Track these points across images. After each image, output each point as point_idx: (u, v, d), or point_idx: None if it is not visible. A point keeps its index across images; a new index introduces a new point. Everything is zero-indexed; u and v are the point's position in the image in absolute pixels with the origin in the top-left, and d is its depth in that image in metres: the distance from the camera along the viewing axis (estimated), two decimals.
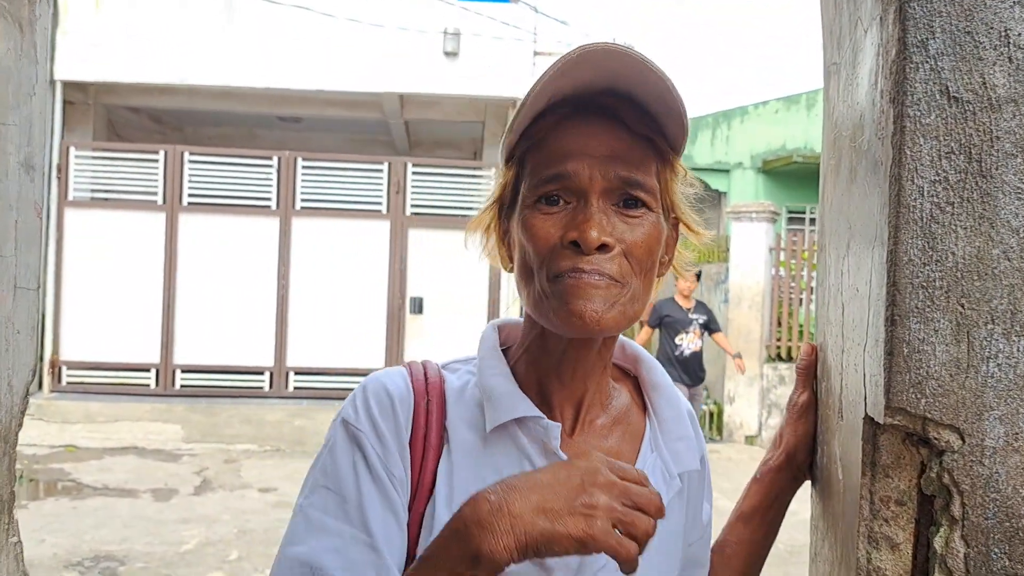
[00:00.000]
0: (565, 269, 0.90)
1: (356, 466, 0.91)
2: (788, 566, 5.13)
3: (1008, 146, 0.79)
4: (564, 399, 0.99)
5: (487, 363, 1.00)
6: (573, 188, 0.92)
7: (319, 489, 0.92)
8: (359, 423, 0.93)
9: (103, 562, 4.95)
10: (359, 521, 0.89)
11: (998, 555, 0.79)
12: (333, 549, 0.88)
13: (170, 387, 9.18)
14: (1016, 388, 0.78)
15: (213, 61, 9.43)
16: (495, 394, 0.96)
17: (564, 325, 0.91)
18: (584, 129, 0.93)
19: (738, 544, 1.12)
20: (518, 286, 0.98)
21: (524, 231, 0.94)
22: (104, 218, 9.24)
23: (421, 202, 9.43)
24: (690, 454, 1.05)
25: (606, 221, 0.91)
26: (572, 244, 0.90)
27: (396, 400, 0.95)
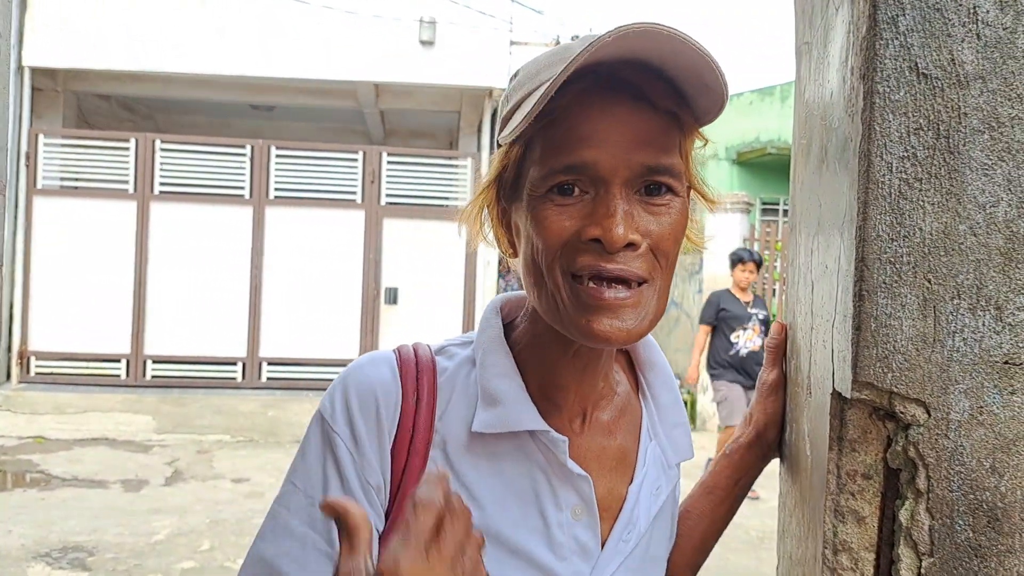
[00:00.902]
0: (585, 268, 0.80)
1: (326, 470, 0.86)
2: (759, 551, 5.19)
3: (975, 122, 0.79)
4: (574, 399, 0.93)
5: (490, 358, 0.91)
6: (591, 176, 0.81)
7: (289, 487, 0.87)
8: (335, 422, 0.87)
9: (72, 553, 4.90)
10: (323, 528, 0.84)
11: (962, 527, 0.80)
12: (291, 555, 0.84)
13: (141, 378, 9.08)
14: (981, 362, 0.79)
15: (185, 48, 9.31)
16: (501, 399, 0.88)
17: (586, 340, 0.82)
18: (605, 110, 0.81)
19: (700, 516, 1.12)
20: (524, 282, 0.88)
21: (534, 224, 0.83)
22: (74, 207, 9.11)
23: (396, 192, 9.39)
24: (686, 442, 1.04)
25: (631, 215, 0.81)
26: (593, 241, 0.80)
27: (380, 398, 0.87)
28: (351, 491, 0.85)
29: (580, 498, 0.91)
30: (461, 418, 0.90)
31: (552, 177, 0.82)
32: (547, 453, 0.90)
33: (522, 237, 0.87)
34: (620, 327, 0.81)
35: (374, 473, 0.86)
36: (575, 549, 0.90)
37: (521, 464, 0.89)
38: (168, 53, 9.33)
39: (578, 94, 0.80)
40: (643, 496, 0.97)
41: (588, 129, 0.81)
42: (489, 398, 0.89)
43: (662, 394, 1.03)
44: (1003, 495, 0.79)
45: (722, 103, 0.83)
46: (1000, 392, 0.79)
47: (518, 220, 0.88)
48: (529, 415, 0.88)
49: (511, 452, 0.89)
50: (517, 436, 0.89)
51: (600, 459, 0.95)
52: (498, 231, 0.94)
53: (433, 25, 9.47)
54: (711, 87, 0.81)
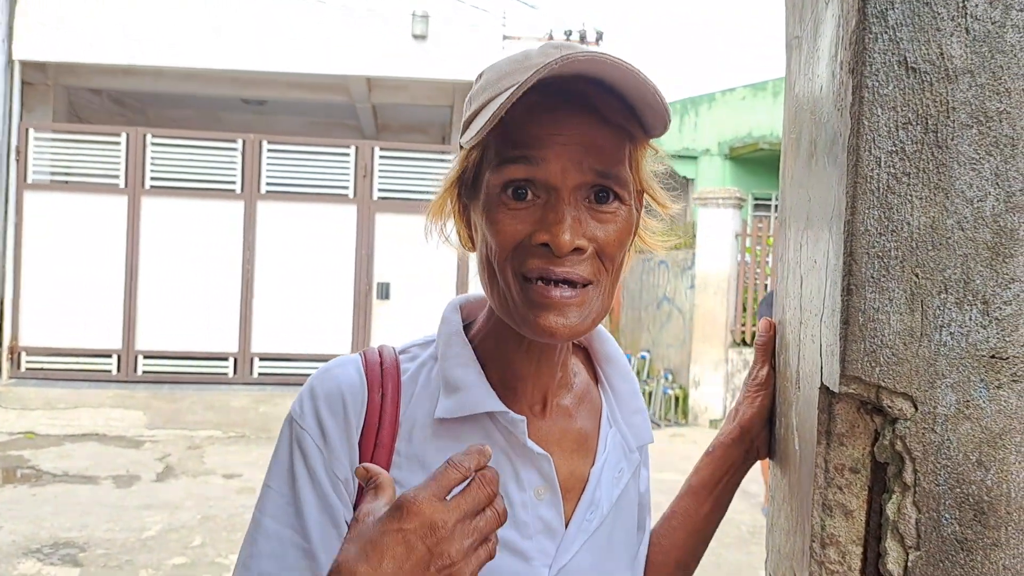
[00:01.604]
0: (534, 271, 0.85)
1: (295, 467, 0.90)
2: (749, 545, 5.21)
3: (964, 117, 0.79)
4: (532, 386, 0.97)
5: (451, 350, 0.97)
6: (542, 182, 0.86)
7: (265, 489, 0.92)
8: (304, 421, 0.91)
9: (63, 548, 4.88)
10: (298, 525, 0.88)
11: (948, 520, 0.80)
12: (271, 554, 0.88)
13: (132, 373, 9.06)
14: (968, 356, 0.79)
15: (176, 42, 9.28)
16: (461, 385, 0.93)
17: (534, 335, 0.88)
18: (558, 120, 0.86)
19: (683, 516, 1.12)
20: (480, 277, 0.94)
21: (489, 225, 0.88)
22: (65, 201, 9.07)
23: (388, 187, 9.38)
24: (646, 427, 1.07)
25: (578, 221, 0.85)
26: (542, 246, 0.85)
27: (347, 396, 0.92)
28: (319, 484, 0.89)
29: (542, 478, 0.94)
30: (424, 411, 0.95)
31: (504, 169, 0.87)
32: (508, 435, 0.94)
33: (478, 235, 0.93)
34: (565, 323, 0.86)
35: (342, 467, 0.90)
36: (540, 528, 0.94)
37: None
38: (159, 47, 9.29)
39: (533, 104, 0.85)
40: (604, 478, 1.00)
41: (540, 130, 0.86)
42: (450, 386, 0.94)
43: (620, 384, 1.07)
44: (989, 488, 0.80)
45: (665, 123, 0.88)
46: (986, 386, 0.80)
47: (476, 218, 0.93)
48: (488, 398, 0.93)
49: (473, 435, 0.93)
50: (478, 420, 0.94)
51: (561, 442, 0.98)
52: (459, 226, 1.00)
53: (426, 19, 9.45)
54: (654, 108, 0.86)
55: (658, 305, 11.84)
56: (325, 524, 0.88)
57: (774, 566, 1.05)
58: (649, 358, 11.47)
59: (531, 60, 0.88)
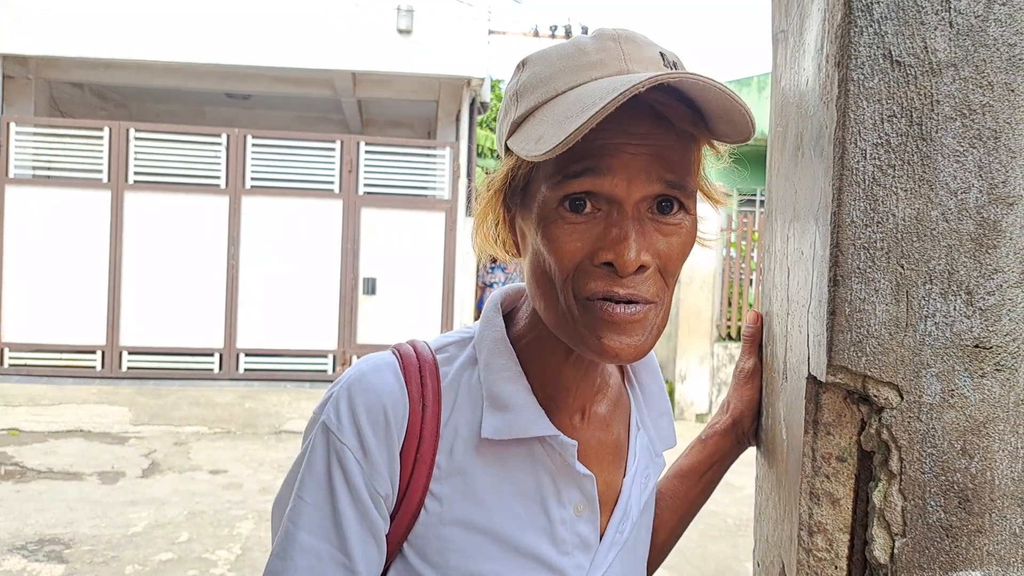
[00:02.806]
0: (596, 293, 0.80)
1: (334, 483, 0.85)
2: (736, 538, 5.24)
3: (948, 110, 0.80)
4: (574, 398, 0.94)
5: (496, 361, 0.91)
6: (606, 194, 0.79)
7: (298, 501, 0.86)
8: (343, 435, 0.85)
9: (48, 545, 4.86)
10: (337, 541, 0.85)
11: (934, 507, 0.81)
12: (309, 569, 0.84)
13: (116, 369, 9.01)
14: (952, 346, 0.81)
15: (159, 35, 9.21)
16: (510, 404, 0.88)
17: (596, 356, 0.82)
18: (623, 128, 0.78)
19: (672, 499, 1.13)
20: (530, 289, 0.88)
21: (545, 241, 0.82)
22: (47, 196, 9.00)
23: (374, 181, 9.35)
24: (671, 431, 1.06)
25: (642, 236, 0.80)
26: (605, 264, 0.79)
27: (388, 408, 0.86)
28: (360, 501, 0.85)
29: (583, 495, 0.93)
30: (466, 421, 0.90)
31: (564, 184, 0.80)
32: (553, 455, 0.91)
33: (529, 246, 0.86)
34: (630, 344, 0.81)
35: (383, 482, 0.86)
36: (577, 544, 0.92)
37: (527, 466, 0.90)
38: (142, 41, 9.22)
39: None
40: (635, 487, 0.99)
41: (606, 148, 0.79)
42: (497, 403, 0.89)
43: (649, 383, 1.05)
44: (973, 476, 0.81)
45: (746, 137, 0.82)
46: (971, 375, 0.81)
47: (525, 227, 0.87)
48: (539, 421, 0.89)
49: (518, 455, 0.90)
50: (525, 441, 0.90)
51: (599, 454, 0.97)
52: (504, 234, 0.93)
53: (411, 14, 9.42)
54: (736, 123, 0.80)
55: None
56: (367, 541, 0.86)
57: (762, 554, 1.06)
58: None
59: (587, 56, 0.81)
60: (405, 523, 0.87)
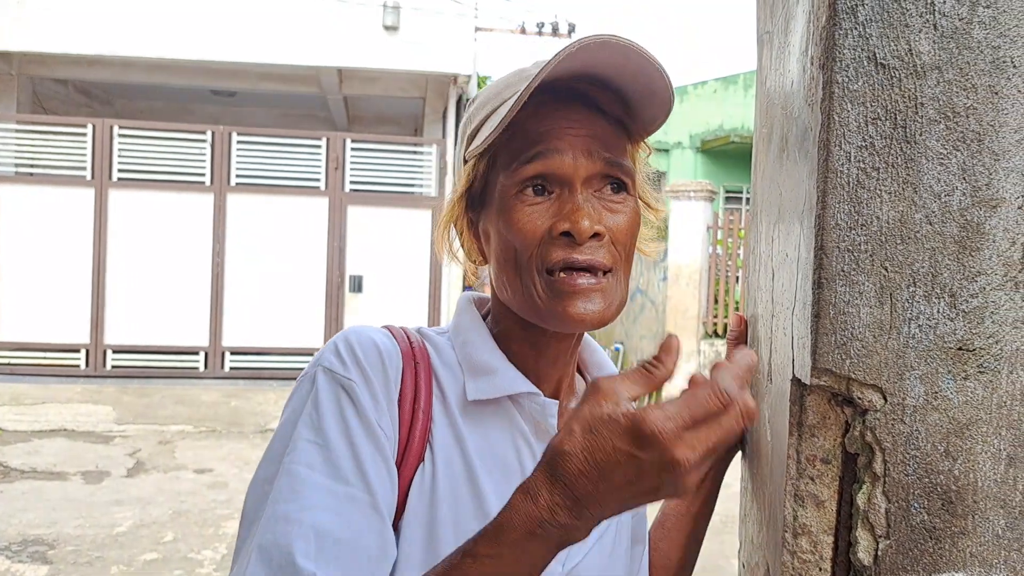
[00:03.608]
0: (558, 261, 0.88)
1: (347, 418, 0.83)
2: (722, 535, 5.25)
3: (932, 112, 0.81)
4: (544, 380, 0.97)
5: (474, 335, 0.97)
6: (557, 175, 0.90)
7: (304, 444, 0.82)
8: (348, 372, 0.86)
9: (32, 546, 4.82)
10: (356, 478, 0.81)
11: (917, 509, 0.81)
12: (328, 508, 0.79)
13: (101, 368, 8.94)
14: (936, 348, 0.81)
15: (144, 31, 9.14)
16: (490, 368, 0.94)
17: (563, 326, 0.90)
18: (563, 116, 0.91)
19: (676, 517, 1.14)
20: (498, 282, 0.95)
21: (508, 224, 0.91)
22: (30, 194, 8.92)
23: (360, 179, 9.32)
24: None
25: (594, 210, 0.90)
26: (563, 235, 0.88)
27: (384, 355, 0.89)
28: (374, 436, 0.84)
29: None
30: (452, 390, 0.94)
31: (521, 170, 0.90)
32: (531, 421, 0.94)
33: (493, 241, 0.95)
34: (592, 309, 0.89)
35: (387, 422, 0.86)
36: None
37: (505, 432, 0.94)
38: (127, 37, 9.15)
39: (537, 106, 0.90)
40: None
41: (549, 126, 0.90)
42: (478, 368, 0.94)
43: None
44: (957, 478, 0.81)
45: (668, 107, 0.93)
46: (954, 377, 0.81)
47: (488, 226, 0.96)
48: (520, 380, 0.94)
49: (496, 420, 0.94)
50: (502, 404, 0.94)
51: None
52: (468, 241, 1.02)
53: (397, 10, 9.39)
54: (657, 92, 0.91)
55: (631, 297, 11.90)
56: (384, 478, 0.84)
57: (747, 556, 1.06)
58: (623, 350, 11.52)
59: (527, 71, 0.93)
60: (409, 475, 0.87)
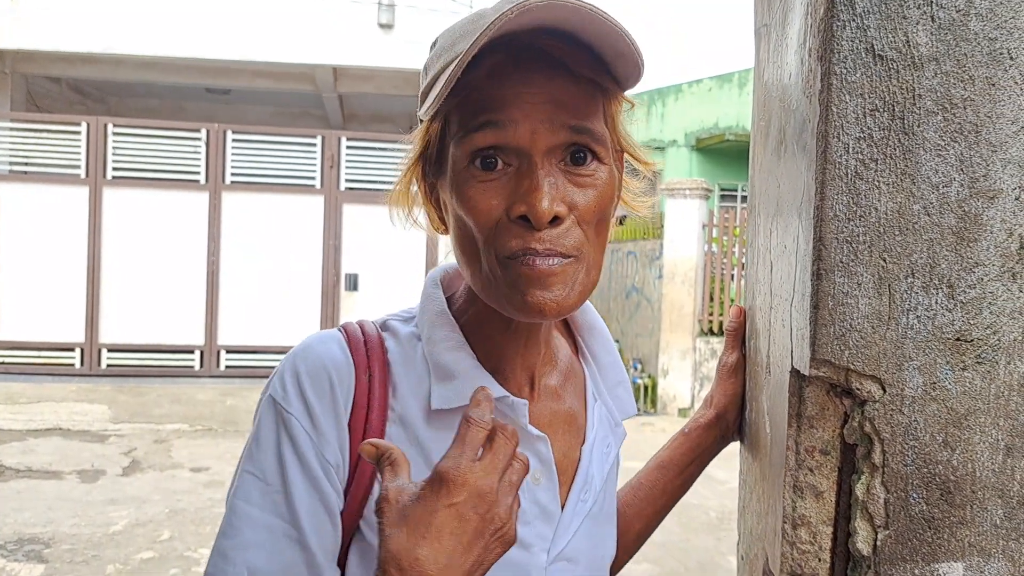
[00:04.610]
0: (516, 250, 0.79)
1: (283, 453, 0.82)
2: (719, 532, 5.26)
3: (929, 104, 0.81)
4: (520, 368, 0.93)
5: (438, 332, 0.91)
6: (512, 147, 0.79)
7: (245, 476, 0.83)
8: (288, 404, 0.83)
9: (27, 545, 4.81)
10: (288, 514, 0.81)
11: (916, 499, 0.82)
12: (259, 545, 0.80)
13: (96, 367, 8.92)
14: (934, 339, 0.81)
15: (138, 29, 9.12)
16: (455, 372, 0.88)
17: (521, 314, 0.83)
18: (521, 79, 0.79)
19: (652, 490, 1.14)
20: (458, 259, 0.88)
21: (461, 203, 0.82)
22: (24, 192, 8.89)
23: (356, 177, 9.31)
24: (629, 399, 1.06)
25: (556, 187, 0.79)
26: (521, 218, 0.79)
27: (333, 375, 0.85)
28: (310, 471, 0.83)
29: (539, 461, 0.91)
30: (414, 394, 0.89)
31: (470, 140, 0.80)
32: (504, 420, 0.89)
33: (450, 214, 0.87)
34: (551, 298, 0.80)
35: (332, 451, 0.84)
36: (537, 513, 0.91)
37: None
38: (121, 34, 9.12)
39: (494, 66, 0.79)
40: (595, 455, 0.99)
41: (504, 92, 0.79)
42: (443, 372, 0.89)
43: (602, 355, 1.04)
44: (955, 468, 0.82)
45: (639, 70, 0.82)
46: (952, 368, 0.81)
47: (444, 197, 0.87)
48: (487, 384, 0.88)
49: None
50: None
51: (552, 423, 0.96)
52: (428, 208, 0.94)
53: (392, 8, 9.38)
54: (624, 54, 0.80)
55: (627, 295, 11.90)
56: (318, 513, 0.83)
57: (746, 548, 1.07)
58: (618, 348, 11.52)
59: (485, 19, 0.79)
60: (359, 497, 0.85)
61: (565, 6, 0.74)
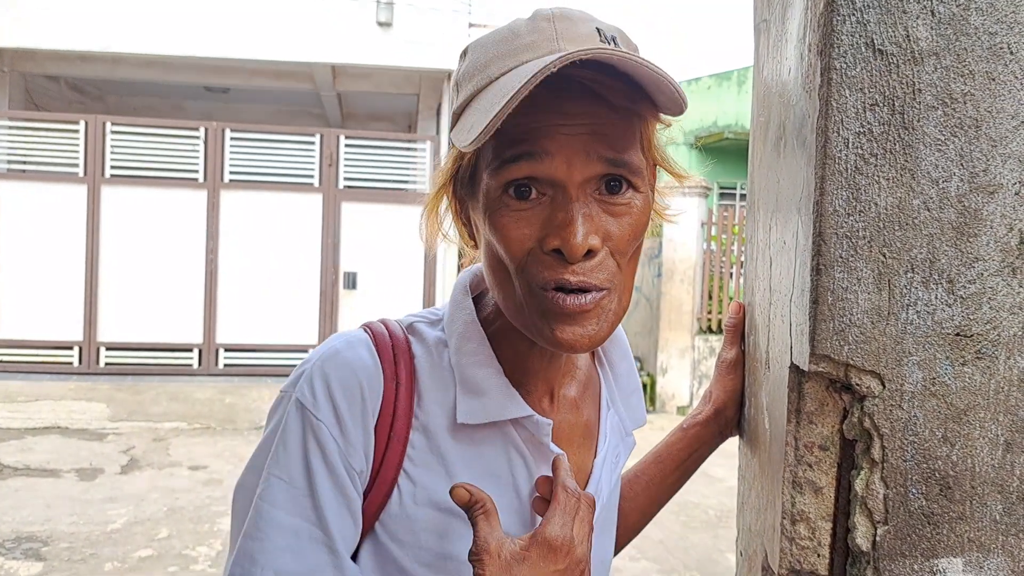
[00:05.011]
0: (548, 282, 0.79)
1: (311, 460, 0.83)
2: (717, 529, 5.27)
3: (929, 98, 0.81)
4: (543, 381, 0.94)
5: (467, 345, 0.90)
6: (547, 178, 0.79)
7: (272, 479, 0.83)
8: (317, 410, 0.83)
9: (25, 543, 4.80)
10: (315, 518, 0.82)
11: (915, 495, 0.81)
12: (287, 548, 0.81)
13: (94, 365, 8.91)
14: (933, 334, 0.81)
15: (136, 27, 9.10)
16: (483, 389, 0.88)
17: (552, 347, 0.83)
18: (558, 109, 0.78)
19: (648, 484, 1.14)
20: (488, 279, 0.88)
21: (493, 229, 0.81)
22: (22, 191, 8.87)
23: (354, 175, 9.30)
24: (641, 408, 1.07)
25: (590, 218, 0.79)
26: (554, 251, 0.78)
27: (364, 383, 0.85)
28: (338, 478, 0.83)
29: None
30: (439, 403, 0.89)
31: (503, 171, 0.79)
32: (526, 436, 0.91)
33: (482, 237, 0.86)
34: (583, 334, 0.81)
35: (358, 459, 0.84)
36: None
37: (499, 448, 0.90)
38: (119, 33, 9.10)
39: (530, 96, 0.74)
40: (605, 468, 1.00)
41: (540, 131, 0.78)
42: (471, 387, 0.89)
43: (619, 362, 1.05)
44: (954, 464, 0.81)
45: (681, 108, 0.81)
46: (952, 363, 0.81)
47: (476, 218, 0.87)
48: (513, 404, 0.89)
49: (491, 437, 0.90)
50: (500, 426, 0.90)
51: (570, 437, 0.97)
52: (458, 225, 0.93)
53: (391, 6, 9.37)
54: (668, 94, 0.79)
55: None
56: (344, 517, 0.84)
57: (745, 544, 1.07)
58: None
59: (521, 39, 0.80)
60: (378, 502, 0.86)
61: (611, 59, 0.74)
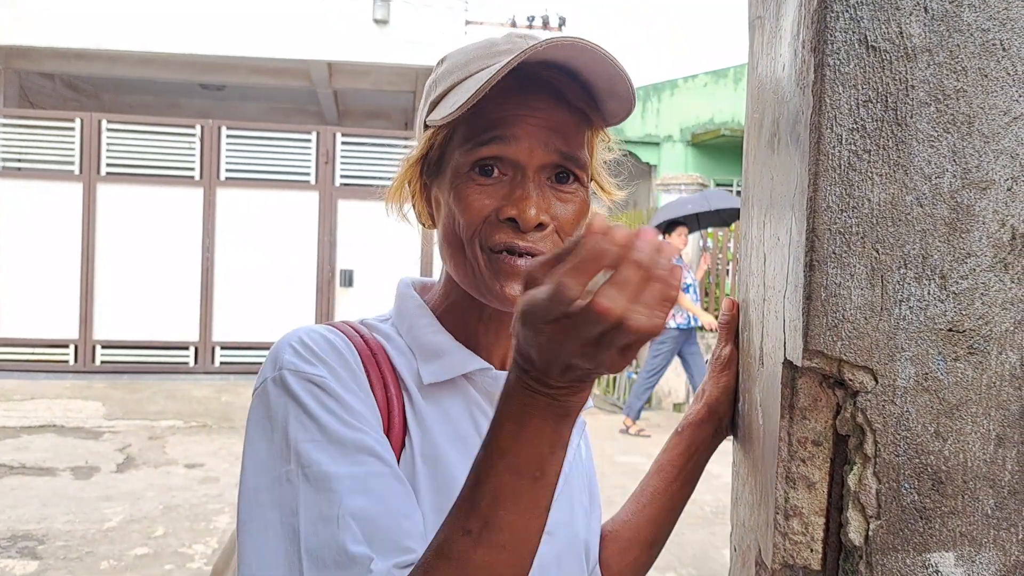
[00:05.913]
0: (499, 244, 0.90)
1: (331, 408, 0.83)
2: (713, 526, 5.28)
3: (922, 95, 0.81)
4: (492, 356, 0.99)
5: (420, 321, 0.98)
6: (511, 159, 0.90)
7: (306, 447, 0.81)
8: (315, 368, 0.85)
9: (21, 541, 4.80)
10: (365, 455, 0.82)
11: (908, 490, 0.82)
12: (354, 491, 0.79)
13: (90, 363, 8.90)
14: (926, 330, 0.81)
15: (132, 25, 9.09)
16: (441, 350, 0.95)
17: (498, 303, 0.91)
18: (526, 103, 0.91)
19: (653, 494, 1.14)
20: (443, 253, 0.97)
21: (457, 201, 0.92)
22: (17, 188, 8.86)
23: (351, 173, 9.30)
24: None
25: (543, 198, 0.91)
26: (509, 220, 0.89)
27: (341, 347, 0.89)
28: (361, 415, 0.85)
29: None
30: (408, 373, 0.95)
31: (476, 150, 0.91)
32: (485, 393, 0.97)
33: (443, 211, 0.96)
34: None
35: (371, 407, 0.87)
36: None
37: (462, 408, 0.96)
38: (115, 30, 9.09)
39: (504, 88, 0.87)
40: None
41: (511, 119, 0.90)
42: (429, 352, 0.96)
43: None
44: (947, 459, 0.82)
45: (629, 109, 0.94)
46: (944, 359, 0.81)
47: (439, 195, 0.97)
48: (471, 359, 0.96)
49: (454, 397, 0.96)
50: (455, 382, 0.96)
51: None
52: (419, 204, 1.03)
53: (387, 3, 9.36)
54: (620, 95, 0.92)
55: None
56: (387, 443, 0.86)
57: (739, 539, 1.07)
58: None
59: (498, 47, 0.94)
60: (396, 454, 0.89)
61: (584, 47, 0.86)
